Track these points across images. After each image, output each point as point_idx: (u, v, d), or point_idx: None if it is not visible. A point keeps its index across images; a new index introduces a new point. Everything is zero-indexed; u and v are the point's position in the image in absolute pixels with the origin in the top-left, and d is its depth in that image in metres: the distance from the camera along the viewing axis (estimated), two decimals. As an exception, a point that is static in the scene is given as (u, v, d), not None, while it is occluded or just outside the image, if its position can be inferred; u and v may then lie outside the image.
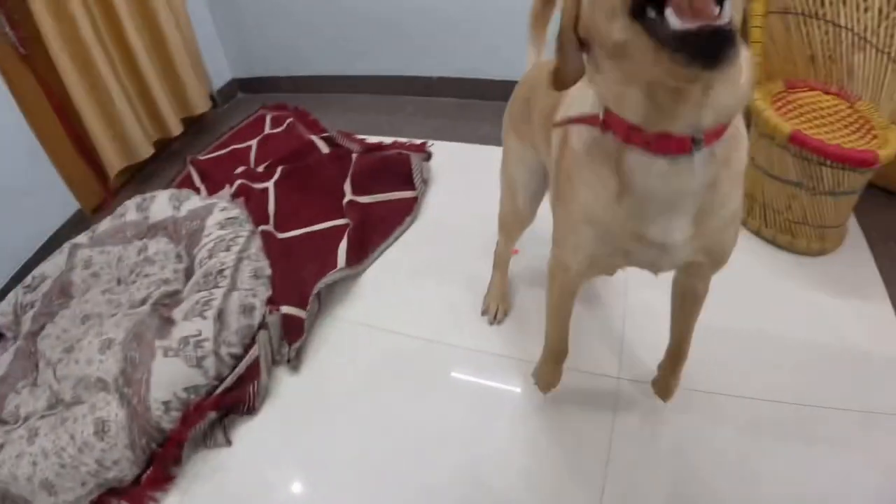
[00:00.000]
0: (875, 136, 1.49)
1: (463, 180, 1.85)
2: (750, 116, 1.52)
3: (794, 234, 1.61)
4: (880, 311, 1.44)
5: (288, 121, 2.30)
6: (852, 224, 1.73)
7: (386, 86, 2.36)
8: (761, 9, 1.56)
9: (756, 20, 1.55)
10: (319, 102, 2.39)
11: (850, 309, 1.46)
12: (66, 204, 2.00)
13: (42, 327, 1.53)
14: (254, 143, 2.25)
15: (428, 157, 1.98)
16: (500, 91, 2.06)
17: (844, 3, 1.61)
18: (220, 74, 2.72)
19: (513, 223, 1.32)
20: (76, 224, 1.99)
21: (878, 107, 1.60)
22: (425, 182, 1.85)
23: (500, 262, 1.47)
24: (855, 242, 1.68)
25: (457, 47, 2.18)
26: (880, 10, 1.56)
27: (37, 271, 1.73)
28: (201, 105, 2.52)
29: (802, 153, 1.43)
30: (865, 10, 1.58)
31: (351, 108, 2.32)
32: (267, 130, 2.31)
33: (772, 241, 1.65)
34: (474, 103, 2.22)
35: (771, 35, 1.64)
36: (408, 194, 1.80)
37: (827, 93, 1.66)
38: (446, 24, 2.16)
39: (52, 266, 1.73)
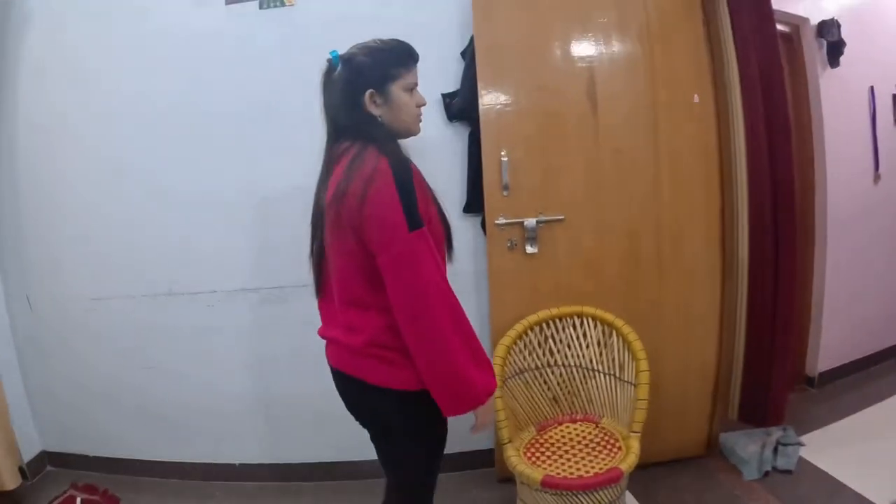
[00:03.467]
0: (619, 448, 1.73)
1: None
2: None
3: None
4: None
5: (97, 508, 2.08)
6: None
7: (193, 471, 2.32)
8: (498, 392, 1.69)
9: (496, 392, 1.62)
10: (131, 485, 2.31)
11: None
12: None
13: None
14: (62, 536, 1.97)
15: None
16: (304, 473, 2.26)
17: (569, 346, 1.94)
18: (30, 445, 2.47)
19: None
20: None
21: (618, 419, 1.85)
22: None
23: None
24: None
25: (254, 434, 2.28)
26: (598, 342, 1.92)
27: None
28: (11, 481, 2.20)
29: (557, 492, 1.57)
30: (587, 346, 1.93)
31: (162, 494, 2.26)
32: (76, 516, 2.01)
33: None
34: (284, 486, 2.24)
35: (513, 395, 1.86)
36: None
37: (574, 421, 1.93)
38: (238, 413, 2.27)
39: None
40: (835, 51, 2.53)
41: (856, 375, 2.71)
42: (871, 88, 2.66)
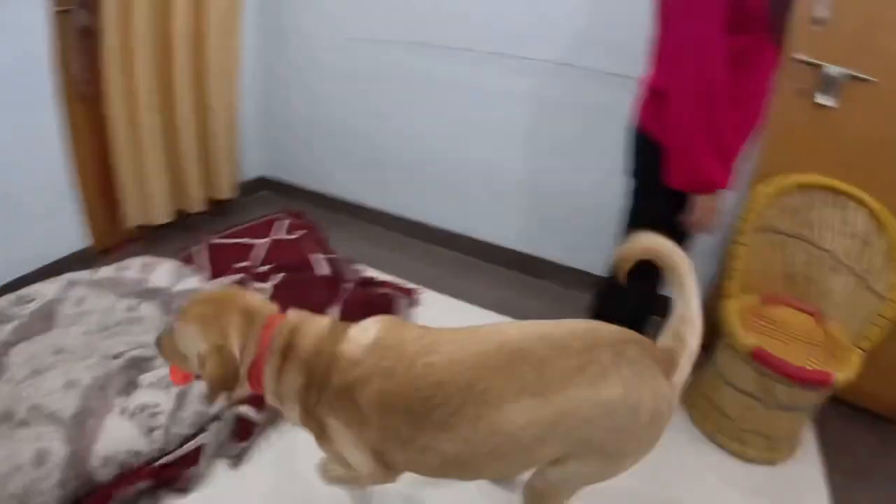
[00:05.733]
0: (837, 358, 1.51)
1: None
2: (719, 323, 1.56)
3: (743, 443, 1.60)
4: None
5: (301, 231, 2.30)
6: (809, 434, 1.71)
7: (397, 224, 2.43)
8: (749, 227, 1.60)
9: (743, 237, 1.60)
10: (336, 222, 2.47)
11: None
12: (78, 237, 2.06)
13: (16, 342, 1.53)
14: (264, 242, 2.23)
15: (414, 303, 2.00)
16: (498, 257, 2.23)
17: (832, 229, 1.65)
18: (251, 168, 2.71)
19: None
20: (81, 259, 2.03)
21: (847, 330, 1.59)
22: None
23: None
24: (808, 453, 1.66)
25: (466, 204, 2.29)
26: (864, 240, 1.58)
27: (31, 289, 1.73)
28: (227, 191, 2.53)
29: (762, 369, 1.46)
30: (851, 237, 1.61)
31: (362, 237, 2.39)
32: (280, 234, 2.29)
33: (721, 447, 1.63)
34: (471, 261, 2.29)
35: (755, 250, 1.67)
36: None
37: (801, 310, 1.69)
38: (462, 181, 2.26)
39: (46, 290, 1.73)
40: None
41: None
42: None
